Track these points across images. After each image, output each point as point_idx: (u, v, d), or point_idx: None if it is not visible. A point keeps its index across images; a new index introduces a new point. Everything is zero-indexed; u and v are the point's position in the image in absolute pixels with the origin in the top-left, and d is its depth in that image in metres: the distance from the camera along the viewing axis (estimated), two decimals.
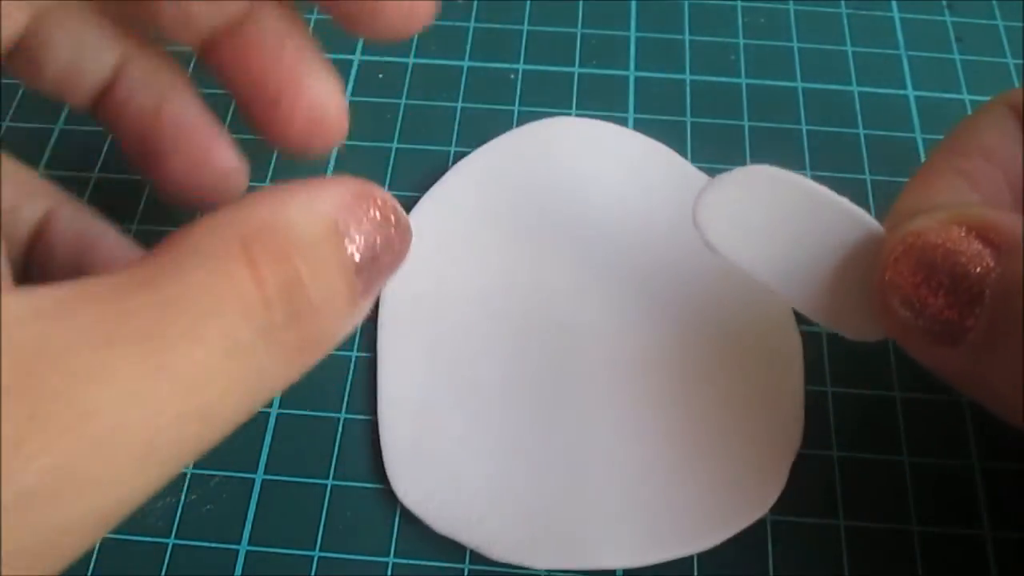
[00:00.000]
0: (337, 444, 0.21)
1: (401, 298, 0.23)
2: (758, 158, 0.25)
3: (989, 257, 0.15)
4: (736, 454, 0.20)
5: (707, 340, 0.22)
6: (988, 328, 0.15)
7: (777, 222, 0.18)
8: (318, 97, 0.19)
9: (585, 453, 0.20)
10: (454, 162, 0.25)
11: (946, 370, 0.16)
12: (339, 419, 0.21)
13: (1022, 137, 0.18)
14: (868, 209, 0.20)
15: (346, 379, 0.22)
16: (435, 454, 0.20)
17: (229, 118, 0.24)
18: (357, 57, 0.28)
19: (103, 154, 0.26)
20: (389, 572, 0.19)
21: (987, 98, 0.19)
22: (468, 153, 0.25)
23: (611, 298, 0.22)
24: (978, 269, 0.15)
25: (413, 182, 0.25)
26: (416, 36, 0.28)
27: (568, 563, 0.19)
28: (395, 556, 0.20)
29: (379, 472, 0.20)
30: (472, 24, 0.28)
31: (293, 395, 0.22)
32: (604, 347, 0.22)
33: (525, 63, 0.27)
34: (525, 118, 0.26)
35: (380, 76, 0.27)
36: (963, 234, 0.15)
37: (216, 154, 0.20)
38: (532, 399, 0.21)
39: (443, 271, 0.23)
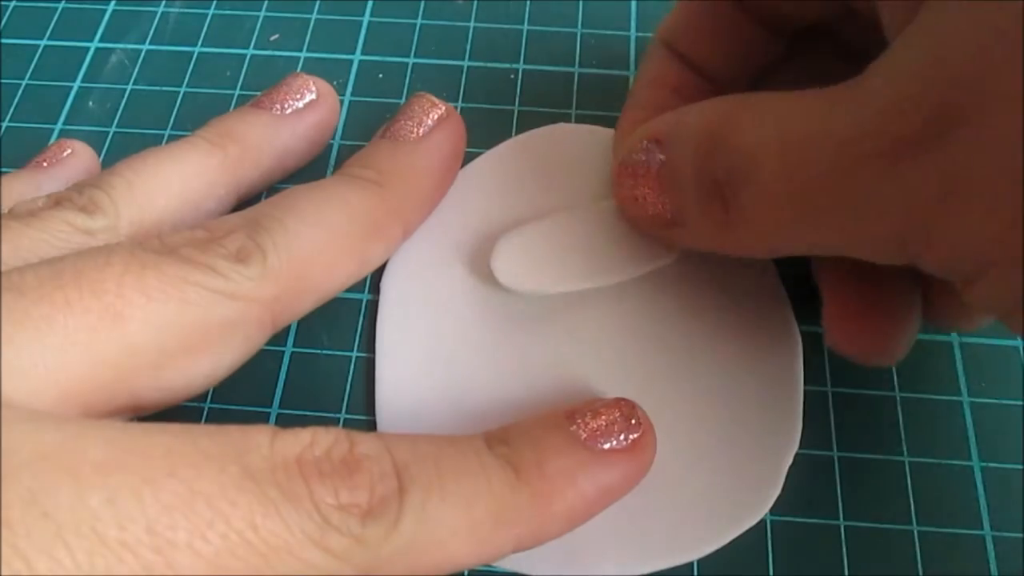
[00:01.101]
0: None
1: (400, 299, 0.23)
2: None
3: (658, 151, 0.19)
4: (735, 456, 0.20)
5: (706, 341, 0.22)
6: (674, 205, 0.19)
7: (554, 250, 0.22)
8: None
9: None
10: None
11: (698, 246, 0.20)
12: (339, 419, 0.21)
13: (668, 54, 0.22)
14: None
15: (346, 379, 0.22)
16: None
17: None
18: (357, 57, 0.28)
19: (103, 154, 0.26)
20: None
21: None
22: (467, 153, 0.25)
23: (609, 301, 0.22)
24: (656, 162, 0.19)
25: None
26: (416, 36, 0.28)
27: (566, 571, 0.19)
28: None
29: None
30: (472, 24, 0.28)
31: (293, 395, 0.22)
32: (602, 349, 0.22)
33: (525, 63, 0.28)
34: (525, 118, 0.26)
35: (380, 76, 0.27)
36: (642, 145, 0.20)
37: None
38: (530, 401, 0.21)
39: (442, 273, 0.23)
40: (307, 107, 0.23)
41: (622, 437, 0.18)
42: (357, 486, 0.14)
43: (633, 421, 0.18)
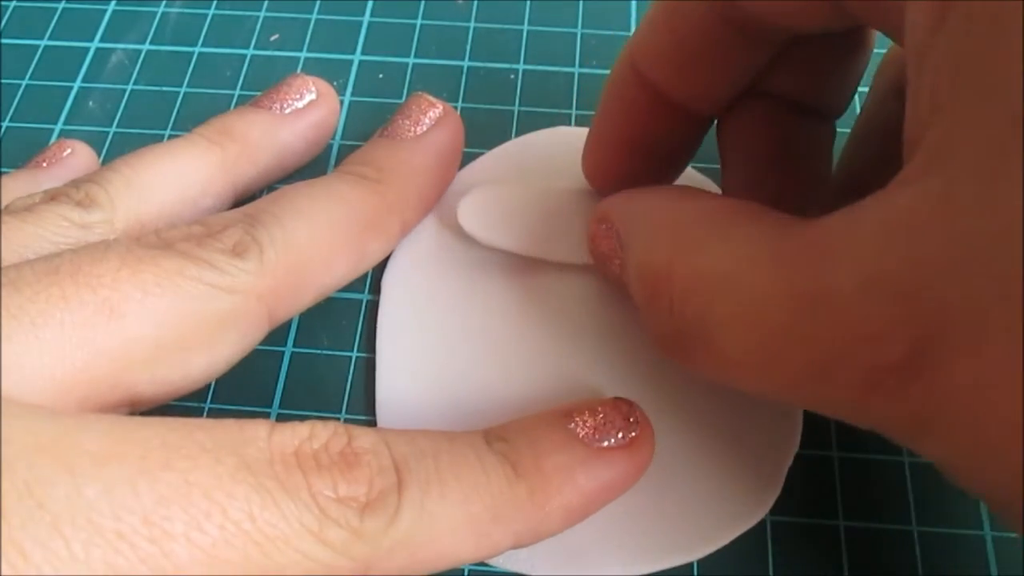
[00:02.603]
0: None
1: (400, 299, 0.23)
2: None
3: (607, 233, 0.19)
4: (735, 456, 0.20)
5: None
6: (624, 269, 0.19)
7: (522, 213, 0.23)
8: None
9: None
10: None
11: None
12: (339, 420, 0.21)
13: (636, 80, 0.20)
14: None
15: (346, 379, 0.22)
16: None
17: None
18: (357, 57, 0.28)
19: (103, 154, 0.26)
20: None
21: None
22: (467, 153, 0.25)
23: (610, 301, 0.22)
24: (606, 245, 0.20)
25: None
26: (416, 36, 0.28)
27: (567, 571, 0.19)
28: None
29: None
30: (472, 24, 0.29)
31: (293, 395, 0.22)
32: (603, 349, 0.22)
33: (525, 63, 0.28)
34: (525, 118, 0.26)
35: (380, 76, 0.27)
36: (600, 226, 0.20)
37: None
38: (530, 400, 0.21)
39: (442, 272, 0.23)
40: (307, 107, 0.23)
41: (620, 435, 0.18)
42: (356, 480, 0.14)
43: (631, 420, 0.18)
